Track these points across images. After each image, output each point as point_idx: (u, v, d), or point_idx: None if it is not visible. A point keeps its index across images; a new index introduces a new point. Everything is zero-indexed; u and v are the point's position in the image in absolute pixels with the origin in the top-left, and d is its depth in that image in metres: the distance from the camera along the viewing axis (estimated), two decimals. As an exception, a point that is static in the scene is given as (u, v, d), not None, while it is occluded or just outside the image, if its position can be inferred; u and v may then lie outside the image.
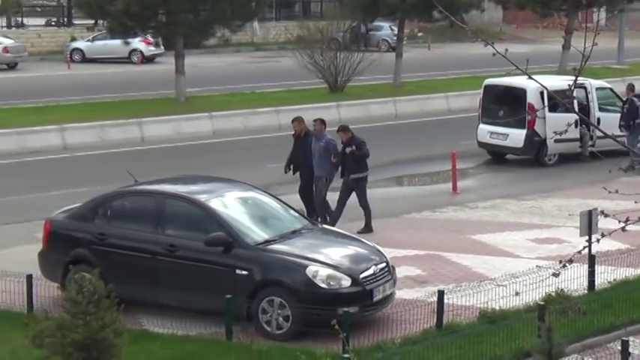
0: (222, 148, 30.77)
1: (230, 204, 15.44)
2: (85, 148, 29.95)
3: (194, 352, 13.52)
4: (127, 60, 55.96)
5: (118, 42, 53.92)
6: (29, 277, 15.11)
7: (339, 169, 20.30)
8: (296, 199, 19.50)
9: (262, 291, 14.25)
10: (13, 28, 63.55)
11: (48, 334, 11.40)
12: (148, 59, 56.21)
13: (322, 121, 20.74)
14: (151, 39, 53.73)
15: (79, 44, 57.73)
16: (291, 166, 20.90)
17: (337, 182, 20.60)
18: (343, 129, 20.37)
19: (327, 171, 20.16)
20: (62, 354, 11.33)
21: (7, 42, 54.06)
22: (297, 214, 16.12)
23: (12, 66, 53.41)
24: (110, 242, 15.33)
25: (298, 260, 14.35)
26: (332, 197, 20.34)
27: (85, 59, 56.23)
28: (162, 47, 55.23)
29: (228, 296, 13.82)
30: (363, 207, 20.14)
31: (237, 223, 14.87)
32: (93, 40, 57.18)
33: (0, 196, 23.59)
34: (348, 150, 19.96)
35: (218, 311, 14.14)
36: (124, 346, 11.69)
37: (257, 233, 14.95)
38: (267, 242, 14.75)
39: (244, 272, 14.33)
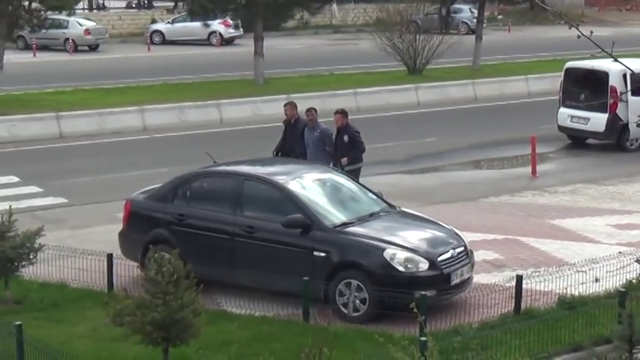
0: (300, 130, 30.76)
1: (308, 186, 15.44)
2: (164, 129, 30.20)
3: (271, 333, 13.57)
4: (206, 42, 56.32)
5: (197, 24, 54.29)
6: (109, 257, 15.29)
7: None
8: (374, 182, 19.40)
9: (340, 273, 14.24)
10: (95, 11, 64.32)
11: (128, 313, 11.52)
12: (227, 41, 56.54)
13: (316, 110, 19.66)
14: (230, 21, 53.97)
15: (159, 26, 58.27)
16: (279, 154, 19.82)
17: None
18: (342, 112, 19.41)
19: (322, 162, 18.63)
20: (142, 332, 11.46)
21: (89, 24, 54.80)
22: (375, 197, 16.07)
23: (93, 48, 54.16)
24: (189, 223, 15.42)
25: (376, 243, 14.31)
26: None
27: (165, 41, 56.76)
28: (241, 29, 55.49)
29: (306, 278, 13.85)
30: None
31: (315, 205, 14.87)
32: (173, 22, 57.70)
33: (81, 176, 23.93)
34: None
35: (295, 293, 14.16)
36: (202, 326, 11.78)
37: (335, 215, 14.93)
38: (345, 224, 14.72)
39: (322, 254, 14.34)
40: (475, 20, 48.74)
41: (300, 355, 11.21)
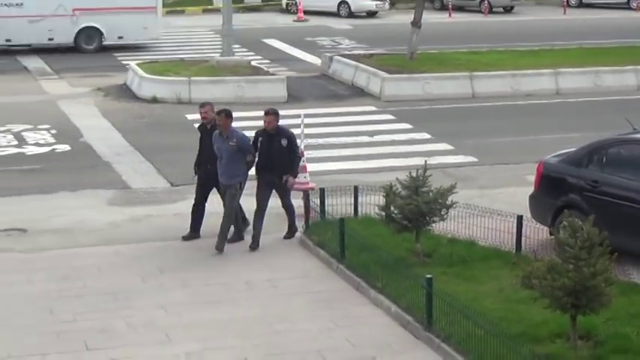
0: None
1: None
2: (577, 93, 29.61)
3: (684, 310, 12.92)
4: (625, 6, 54.71)
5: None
6: (519, 218, 15.16)
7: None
8: None
9: None
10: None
11: (537, 276, 11.38)
12: (647, 6, 54.74)
13: (227, 115, 16.06)
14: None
15: (577, -11, 57.35)
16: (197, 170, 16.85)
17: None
18: (273, 113, 16.23)
19: (241, 177, 16.08)
20: (550, 297, 11.28)
21: (508, -15, 54.87)
22: None
23: (508, 9, 54.25)
24: (603, 190, 14.95)
25: None
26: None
27: (582, 4, 55.82)
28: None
29: None
30: (261, 207, 16.30)
31: None
32: (592, -15, 56.64)
33: (492, 136, 24.01)
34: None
35: None
36: (613, 297, 11.42)
37: None
38: None
39: None
40: None
41: None
